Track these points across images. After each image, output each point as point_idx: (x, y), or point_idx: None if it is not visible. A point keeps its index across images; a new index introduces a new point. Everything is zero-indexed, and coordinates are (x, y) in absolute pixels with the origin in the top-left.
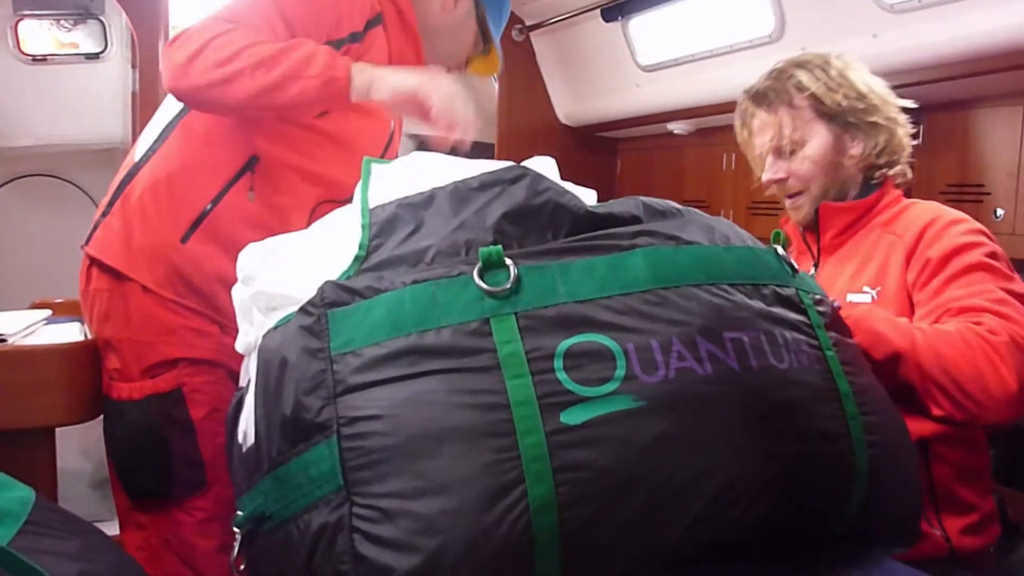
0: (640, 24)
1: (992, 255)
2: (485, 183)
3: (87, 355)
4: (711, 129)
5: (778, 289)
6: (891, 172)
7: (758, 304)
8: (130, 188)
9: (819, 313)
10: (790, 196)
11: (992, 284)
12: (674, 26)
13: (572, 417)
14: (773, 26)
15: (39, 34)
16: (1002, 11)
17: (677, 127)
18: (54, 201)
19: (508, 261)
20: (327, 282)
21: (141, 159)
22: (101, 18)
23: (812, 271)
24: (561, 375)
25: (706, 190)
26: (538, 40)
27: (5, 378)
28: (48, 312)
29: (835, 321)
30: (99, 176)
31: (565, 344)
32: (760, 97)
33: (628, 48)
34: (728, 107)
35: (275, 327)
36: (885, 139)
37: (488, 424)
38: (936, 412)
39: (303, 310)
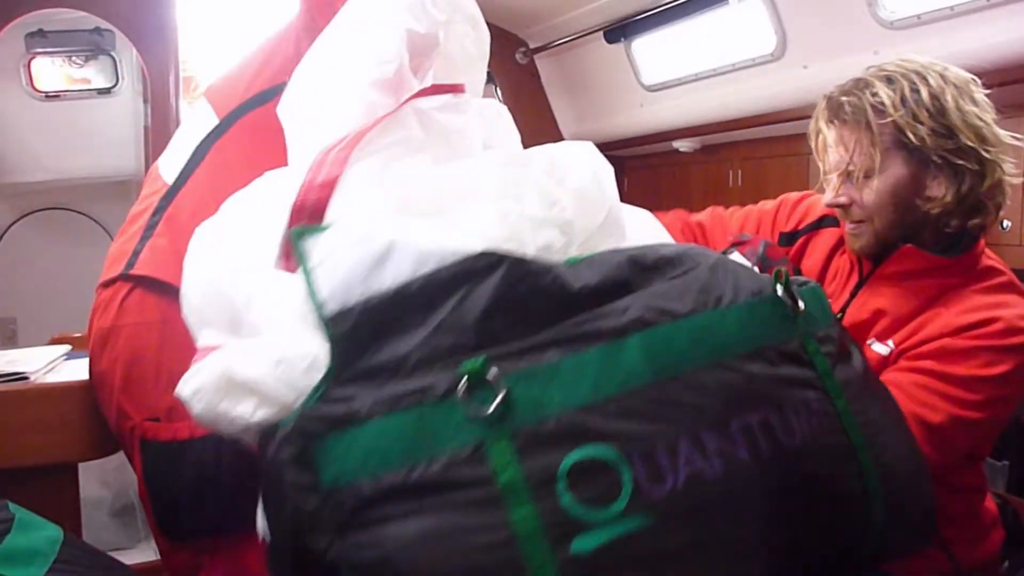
0: (643, 45)
1: (1001, 377)
2: (458, 276)
3: None
4: (717, 146)
5: (781, 346)
6: (970, 223)
7: (762, 371)
8: (174, 209)
9: (826, 355)
10: (851, 222)
11: (948, 405)
12: (677, 46)
13: (583, 544)
14: (775, 44)
15: (51, 71)
16: (1001, 26)
17: (682, 145)
18: (69, 235)
19: (493, 371)
20: (304, 412)
21: (177, 181)
22: (112, 54)
23: (855, 289)
24: (565, 499)
25: (714, 207)
26: (542, 62)
27: (29, 415)
28: (68, 347)
29: (841, 344)
30: (113, 208)
31: (566, 463)
32: (836, 109)
33: (632, 68)
34: (732, 124)
35: (266, 433)
36: (971, 184)
37: (498, 564)
38: None
39: (286, 439)
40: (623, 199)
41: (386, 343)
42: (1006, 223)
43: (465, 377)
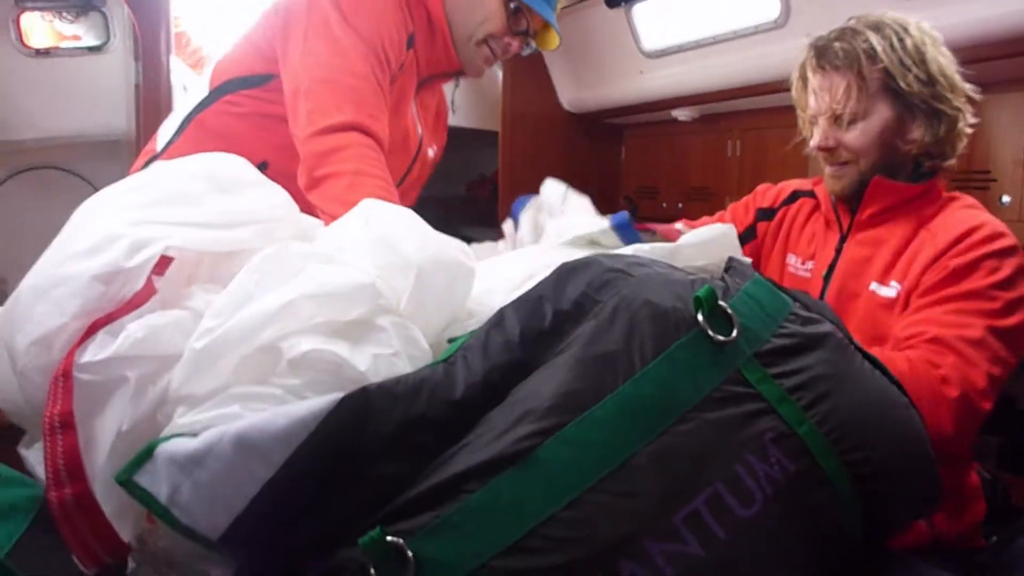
0: (644, 10)
1: (1007, 281)
2: (319, 446)
3: None
4: (716, 115)
5: (717, 391)
6: (945, 164)
7: (700, 434)
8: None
9: (775, 377)
10: (834, 164)
11: (980, 319)
12: (678, 12)
13: None
14: (778, 12)
15: (41, 27)
16: None
17: (682, 114)
18: (60, 193)
19: (396, 541)
20: None
21: (161, 150)
22: (103, 10)
23: (838, 244)
24: None
25: (712, 177)
26: None
27: None
28: None
29: (793, 339)
30: (104, 167)
31: None
32: (826, 54)
33: (632, 34)
34: (733, 93)
35: None
36: (946, 128)
37: None
38: None
39: None
40: (621, 169)
41: (279, 541)
42: (1005, 198)
43: (370, 556)
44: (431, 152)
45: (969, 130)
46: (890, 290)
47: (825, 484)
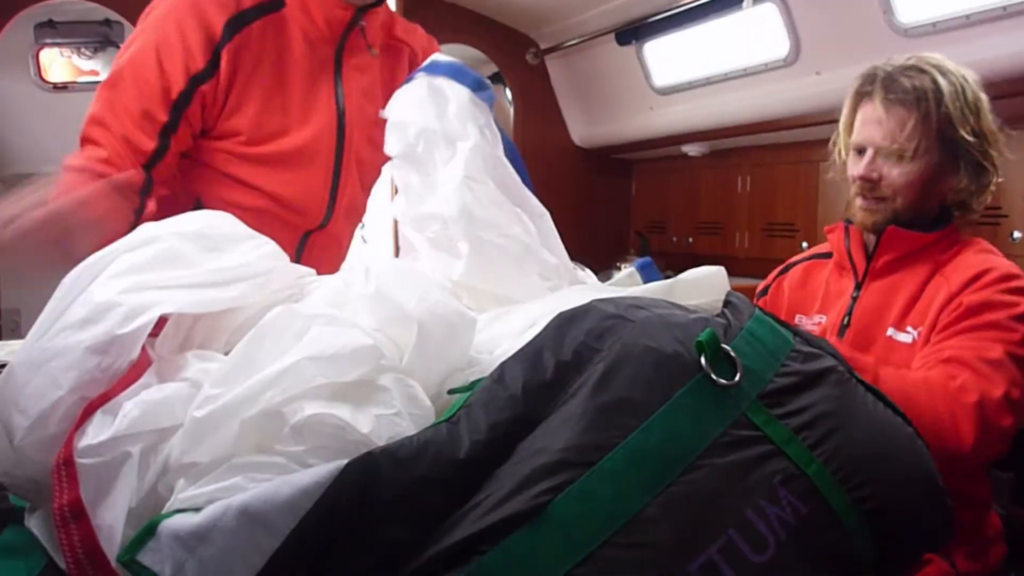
0: (655, 47)
1: (1021, 316)
2: (325, 517)
3: None
4: (726, 151)
5: (724, 435)
6: (970, 215)
7: (709, 481)
8: None
9: (780, 417)
10: (870, 198)
11: (1000, 344)
12: (689, 49)
13: None
14: (788, 49)
15: (60, 62)
16: (1016, 36)
17: (692, 149)
18: None
19: None
20: None
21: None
22: (120, 45)
23: (854, 292)
24: None
25: (721, 212)
26: (552, 64)
27: None
28: None
29: (796, 376)
30: None
31: None
32: (894, 86)
33: (643, 71)
34: (743, 129)
35: None
36: (984, 185)
37: None
38: None
39: None
40: (631, 203)
41: None
42: (1016, 234)
43: None
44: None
45: (994, 188)
46: (907, 336)
47: (836, 523)
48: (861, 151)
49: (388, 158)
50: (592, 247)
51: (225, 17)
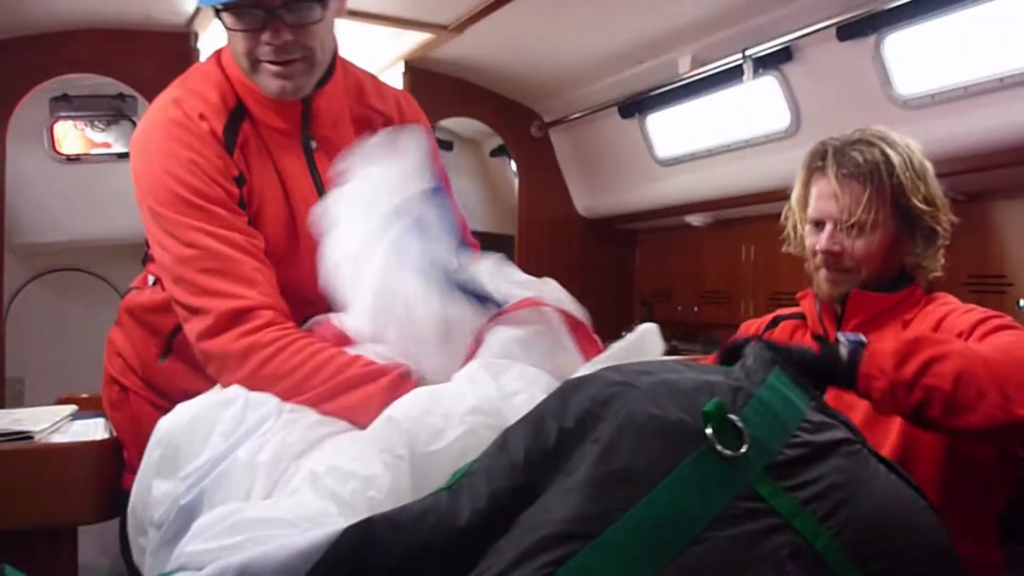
0: (657, 119)
1: (1012, 324)
2: None
3: (112, 452)
4: (729, 221)
5: (729, 509)
6: (931, 275)
7: (718, 551)
8: (123, 305)
9: (787, 490)
10: (835, 270)
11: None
12: (691, 121)
13: None
14: (789, 121)
15: (73, 135)
16: (1013, 107)
17: (695, 219)
18: (81, 296)
19: None
20: None
21: (129, 288)
22: (134, 119)
23: None
24: None
25: (726, 281)
26: (557, 136)
27: (31, 476)
28: (74, 408)
29: (804, 448)
30: (127, 270)
31: None
32: (846, 161)
33: (645, 143)
34: (746, 200)
35: None
36: (936, 247)
37: None
38: (974, 420)
39: None
40: (635, 273)
41: None
42: (1022, 302)
43: None
44: None
45: (942, 249)
46: None
47: None
48: (819, 225)
49: None
50: (598, 316)
51: (221, 125)
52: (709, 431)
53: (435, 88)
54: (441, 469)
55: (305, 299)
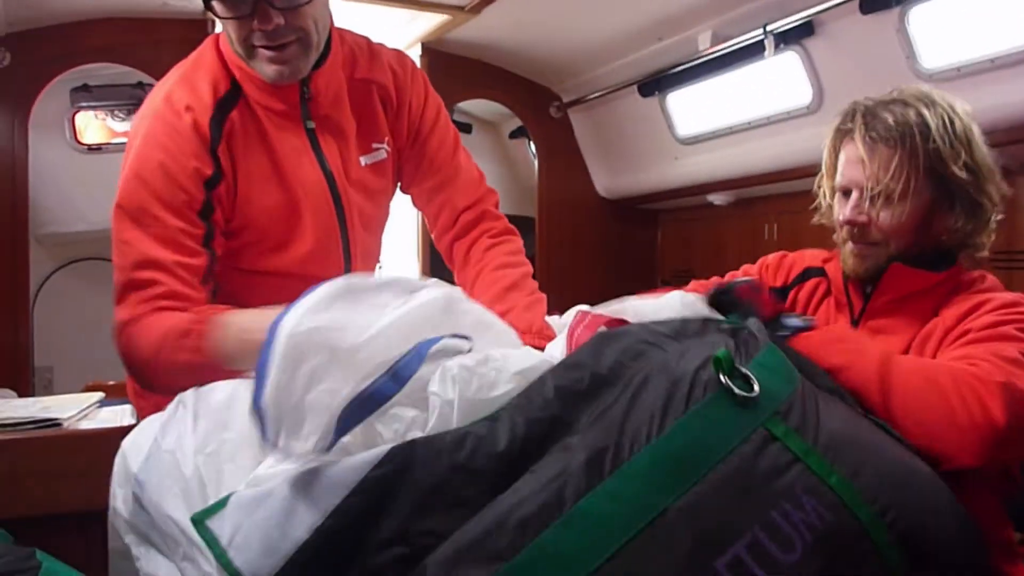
0: (677, 98)
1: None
2: (367, 498)
3: None
4: (752, 199)
5: (744, 444)
6: (976, 254)
7: (733, 484)
8: None
9: (797, 431)
10: (860, 242)
11: (1012, 347)
12: (711, 99)
13: None
14: (811, 97)
15: (94, 125)
16: None
17: (717, 198)
18: (108, 284)
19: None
20: None
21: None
22: None
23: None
24: None
25: (749, 260)
26: (576, 116)
27: (60, 462)
28: (101, 395)
29: (814, 401)
30: None
31: None
32: (876, 123)
33: (666, 121)
34: (768, 177)
35: None
36: (984, 221)
37: None
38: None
39: None
40: (656, 254)
41: None
42: None
43: None
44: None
45: (994, 225)
46: None
47: (864, 536)
48: (847, 193)
49: (384, 198)
50: (620, 296)
51: (207, 116)
52: (723, 378)
53: (452, 70)
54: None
55: (305, 277)
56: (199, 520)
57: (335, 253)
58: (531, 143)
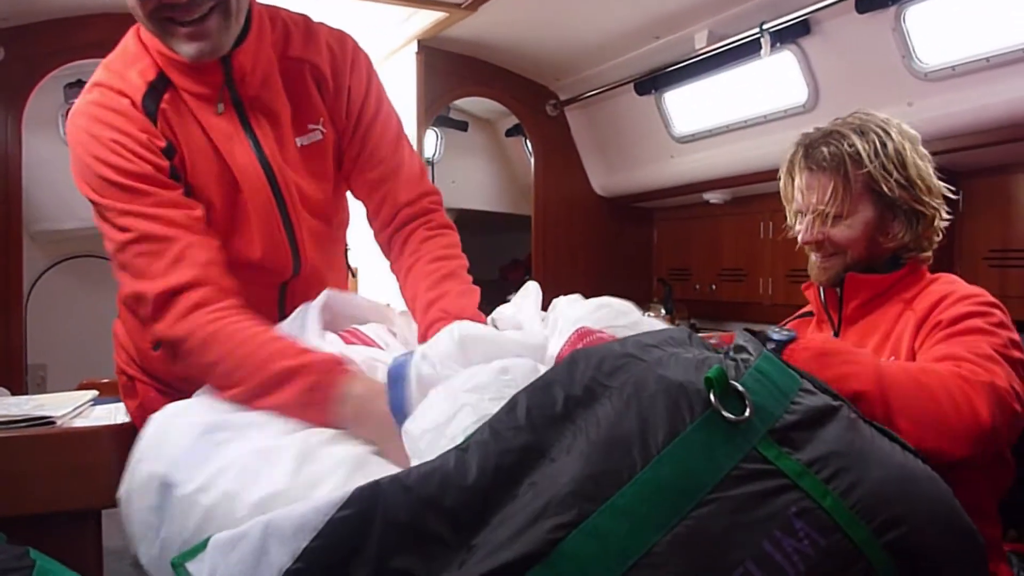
0: (674, 96)
1: (998, 324)
2: (334, 542)
3: (133, 436)
4: (748, 198)
5: (736, 468)
6: (922, 255)
7: (722, 514)
8: (118, 297)
9: (790, 453)
10: (822, 256)
11: (987, 344)
12: (708, 97)
13: None
14: (807, 96)
15: None
16: None
17: (713, 196)
18: (102, 281)
19: None
20: None
21: None
22: None
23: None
24: None
25: (744, 258)
26: (572, 115)
27: (53, 461)
28: (95, 393)
29: (806, 414)
30: None
31: None
32: (814, 155)
33: (662, 120)
34: (764, 176)
35: None
36: (924, 226)
37: None
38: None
39: None
40: (653, 252)
41: None
42: None
43: None
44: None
45: (944, 224)
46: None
47: (858, 556)
48: (802, 217)
49: (327, 181)
50: (616, 295)
51: (140, 96)
52: (713, 397)
53: (449, 68)
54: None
55: (252, 264)
56: (178, 563)
57: (279, 237)
58: (527, 141)
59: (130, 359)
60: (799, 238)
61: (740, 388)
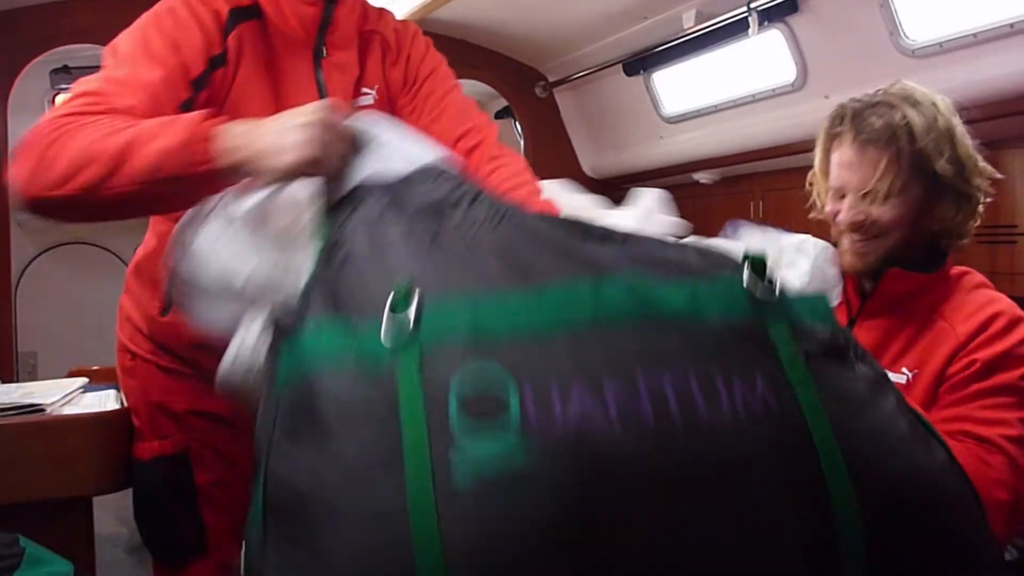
0: (662, 77)
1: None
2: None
3: (124, 423)
4: (738, 177)
5: (730, 320)
6: (961, 242)
7: (696, 331)
8: (129, 269)
9: (799, 348)
10: (860, 239)
11: (1016, 414)
12: (697, 77)
13: (461, 455)
14: (795, 75)
15: None
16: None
17: (703, 176)
18: (90, 269)
19: (416, 291)
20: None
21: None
22: None
23: (847, 328)
24: (453, 410)
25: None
26: (561, 96)
27: (43, 448)
28: (85, 380)
29: (837, 347)
30: (135, 242)
31: (457, 375)
32: (864, 126)
33: (651, 100)
34: (753, 155)
35: None
36: (969, 210)
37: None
38: None
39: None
40: None
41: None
42: None
43: (392, 295)
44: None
45: (981, 208)
46: (901, 377)
47: (810, 451)
48: (841, 195)
49: None
50: None
51: (228, 7)
52: (747, 273)
53: (437, 48)
54: None
55: None
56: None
57: None
58: (517, 123)
59: (135, 332)
60: (838, 218)
61: (775, 279)
